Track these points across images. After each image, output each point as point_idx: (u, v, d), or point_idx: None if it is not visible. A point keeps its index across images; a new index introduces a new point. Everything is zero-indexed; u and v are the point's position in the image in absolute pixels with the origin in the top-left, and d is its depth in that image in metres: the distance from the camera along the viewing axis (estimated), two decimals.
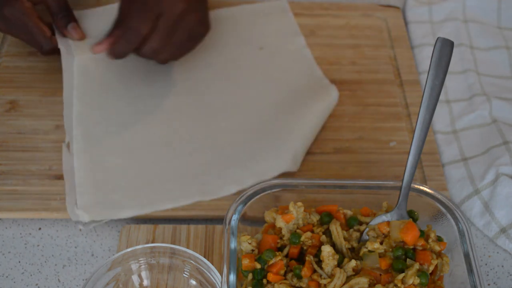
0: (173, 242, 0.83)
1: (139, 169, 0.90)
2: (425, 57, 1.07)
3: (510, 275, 0.85)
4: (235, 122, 0.96)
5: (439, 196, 0.78)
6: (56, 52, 0.96)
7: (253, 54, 1.05)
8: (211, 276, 0.75)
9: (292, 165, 0.90)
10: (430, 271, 0.73)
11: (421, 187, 0.79)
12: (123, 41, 0.88)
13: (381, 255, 0.73)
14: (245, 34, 1.08)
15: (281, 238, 0.75)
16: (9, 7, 0.90)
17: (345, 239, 0.75)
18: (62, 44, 0.96)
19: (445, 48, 0.74)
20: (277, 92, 1.00)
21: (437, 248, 0.74)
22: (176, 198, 0.87)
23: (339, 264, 0.72)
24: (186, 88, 0.99)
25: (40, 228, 0.86)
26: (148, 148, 0.92)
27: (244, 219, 0.76)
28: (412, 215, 0.77)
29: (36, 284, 0.81)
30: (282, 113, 0.97)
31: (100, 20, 0.98)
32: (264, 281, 0.72)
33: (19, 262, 0.83)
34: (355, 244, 0.75)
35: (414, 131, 0.75)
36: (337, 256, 0.72)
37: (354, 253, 0.75)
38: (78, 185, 0.87)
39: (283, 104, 0.98)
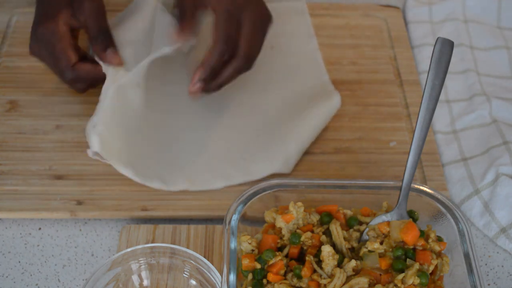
0: (173, 242, 0.83)
1: (145, 140, 0.91)
2: (425, 57, 1.06)
3: (510, 275, 0.85)
4: (233, 119, 0.96)
5: (439, 196, 0.78)
6: (79, 88, 0.92)
7: (262, 53, 1.05)
8: (211, 276, 0.75)
9: (283, 167, 0.90)
10: (430, 271, 0.73)
11: (421, 187, 0.78)
12: (215, 54, 0.87)
13: (381, 255, 0.73)
14: None
15: (281, 238, 0.75)
16: (42, 27, 0.87)
17: (345, 239, 0.75)
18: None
19: (445, 48, 0.73)
20: (279, 93, 0.99)
21: (437, 248, 0.74)
22: (164, 181, 0.88)
23: (339, 264, 0.72)
24: (189, 81, 0.99)
25: (40, 228, 0.86)
26: (157, 125, 0.93)
27: (244, 219, 0.76)
28: (412, 215, 0.77)
29: (36, 284, 0.81)
30: (281, 114, 0.96)
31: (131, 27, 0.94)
32: (264, 281, 0.72)
33: (19, 262, 0.83)
34: (355, 244, 0.75)
35: (414, 131, 0.75)
36: (337, 256, 0.72)
37: (354, 253, 0.75)
38: (104, 110, 0.85)
39: (284, 105, 0.98)
